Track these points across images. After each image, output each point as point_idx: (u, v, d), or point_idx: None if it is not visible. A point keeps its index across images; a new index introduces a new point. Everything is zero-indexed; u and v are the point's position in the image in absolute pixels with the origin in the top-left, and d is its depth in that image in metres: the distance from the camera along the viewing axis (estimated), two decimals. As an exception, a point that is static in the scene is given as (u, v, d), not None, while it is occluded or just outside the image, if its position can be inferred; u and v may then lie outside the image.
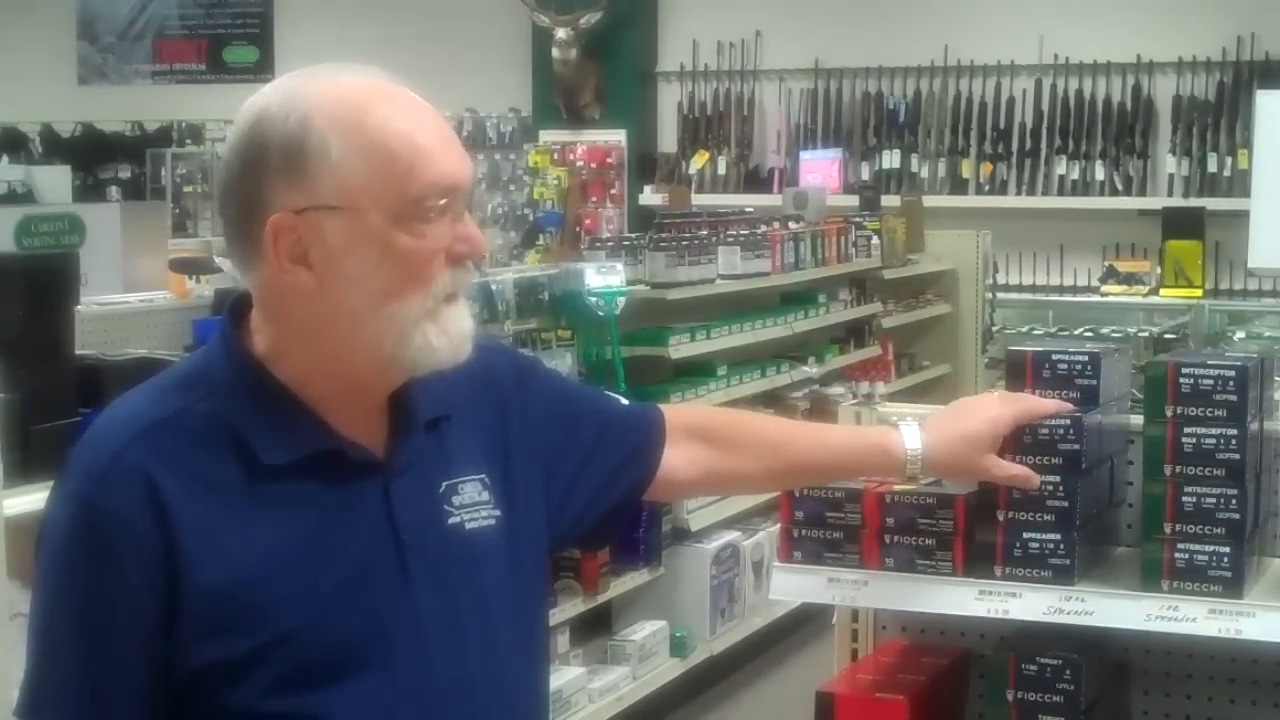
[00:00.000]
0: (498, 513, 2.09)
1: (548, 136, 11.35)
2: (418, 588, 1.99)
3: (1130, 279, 10.31)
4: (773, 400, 7.37)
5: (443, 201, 1.93)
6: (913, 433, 2.51)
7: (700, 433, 2.42)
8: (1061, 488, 2.83)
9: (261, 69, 13.47)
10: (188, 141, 12.65)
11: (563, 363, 5.81)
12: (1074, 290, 10.62)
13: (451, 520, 2.04)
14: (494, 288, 5.78)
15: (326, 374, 1.98)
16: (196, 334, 4.42)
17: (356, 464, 1.98)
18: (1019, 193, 10.91)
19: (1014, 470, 2.63)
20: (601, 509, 2.30)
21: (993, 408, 2.62)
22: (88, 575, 1.91)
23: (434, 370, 1.99)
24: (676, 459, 2.38)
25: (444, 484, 2.06)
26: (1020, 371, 2.78)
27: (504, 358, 2.26)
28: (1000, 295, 10.18)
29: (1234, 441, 2.77)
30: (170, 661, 1.90)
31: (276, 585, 1.91)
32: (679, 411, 2.48)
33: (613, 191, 11.54)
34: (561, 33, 11.38)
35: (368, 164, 1.91)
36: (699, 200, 10.91)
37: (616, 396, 2.43)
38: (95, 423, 2.00)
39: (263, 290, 1.98)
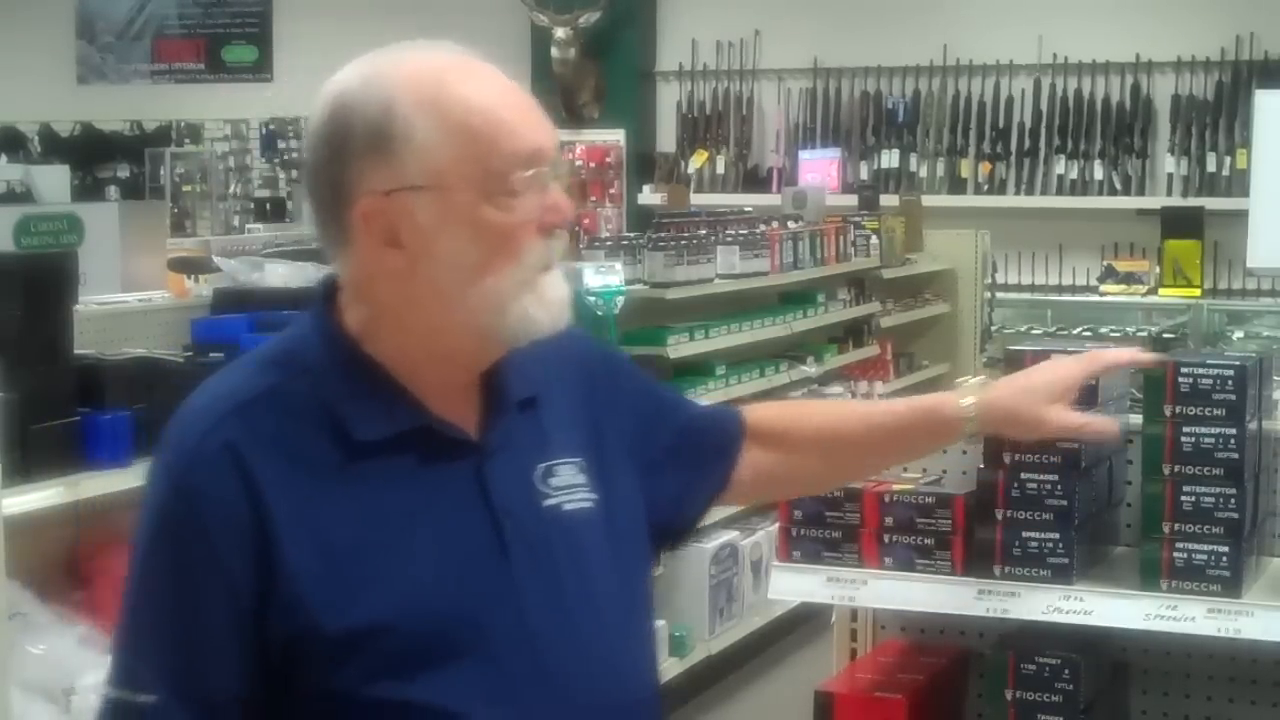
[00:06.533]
0: (595, 496, 2.08)
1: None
2: (518, 568, 1.98)
3: (1129, 278, 10.31)
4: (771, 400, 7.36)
5: (528, 173, 1.94)
6: (968, 391, 2.42)
7: (758, 436, 2.36)
8: (1060, 487, 2.83)
9: (260, 68, 13.47)
10: (186, 141, 12.66)
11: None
12: (1073, 290, 10.62)
13: (548, 501, 2.03)
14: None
15: (419, 352, 1.98)
16: (195, 333, 4.41)
17: (449, 443, 1.98)
18: (1018, 192, 10.90)
19: (1080, 419, 2.45)
20: (681, 509, 2.28)
21: (1060, 361, 2.49)
22: (179, 550, 1.91)
23: (534, 339, 1.99)
24: (742, 465, 2.34)
25: (540, 466, 2.04)
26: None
27: (593, 346, 2.26)
28: (999, 295, 10.18)
29: (1233, 441, 2.77)
30: (264, 637, 1.90)
31: (368, 564, 1.90)
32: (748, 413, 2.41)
33: (611, 191, 11.55)
34: (560, 32, 11.38)
35: (451, 141, 1.92)
36: (698, 200, 10.91)
37: (693, 400, 2.41)
38: (188, 401, 2.00)
39: (353, 272, 1.99)
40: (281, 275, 5.35)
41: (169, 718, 1.90)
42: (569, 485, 2.06)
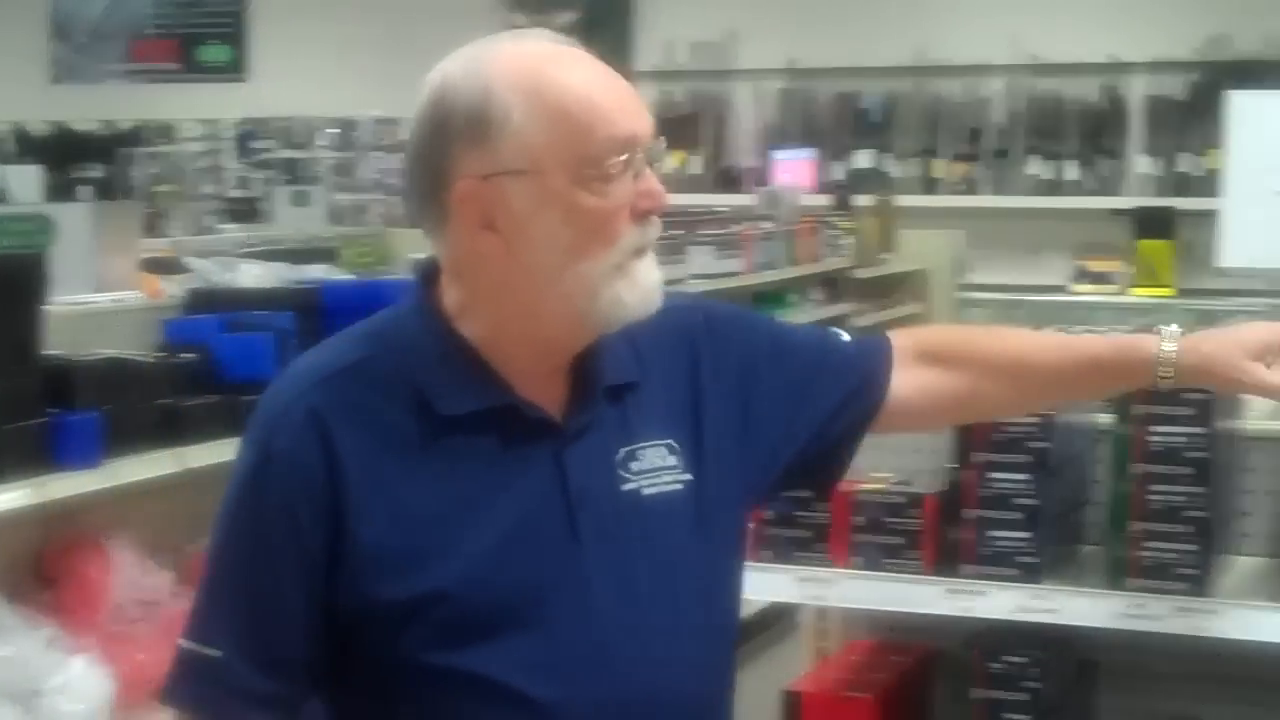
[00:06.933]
0: (687, 476, 2.07)
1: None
2: (587, 550, 1.98)
3: (1101, 278, 10.34)
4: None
5: (622, 158, 1.96)
6: (1172, 334, 2.26)
7: (935, 356, 2.27)
8: (1029, 487, 2.84)
9: (235, 68, 13.44)
10: (160, 141, 12.61)
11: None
12: (1045, 290, 10.64)
13: (626, 486, 2.03)
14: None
15: (513, 334, 2.00)
16: (168, 334, 4.39)
17: (532, 424, 1.99)
18: (991, 193, 10.92)
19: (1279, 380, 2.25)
20: (823, 447, 2.22)
21: (1272, 323, 2.34)
22: (258, 512, 1.97)
23: (625, 324, 2.00)
24: (909, 388, 2.25)
25: (622, 450, 2.04)
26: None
27: (698, 314, 2.23)
28: (972, 295, 10.19)
29: (1201, 440, 2.78)
30: (332, 602, 1.95)
31: (436, 536, 1.94)
32: (910, 335, 2.32)
33: (586, 191, 11.53)
34: (535, 33, 11.37)
35: (547, 127, 1.94)
36: (672, 200, 10.87)
37: (840, 332, 2.31)
38: (282, 372, 2.06)
39: (450, 254, 2.01)
40: (255, 276, 5.32)
41: (232, 673, 1.97)
42: (653, 468, 2.05)
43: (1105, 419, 2.97)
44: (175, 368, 4.02)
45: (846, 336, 2.29)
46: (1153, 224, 9.96)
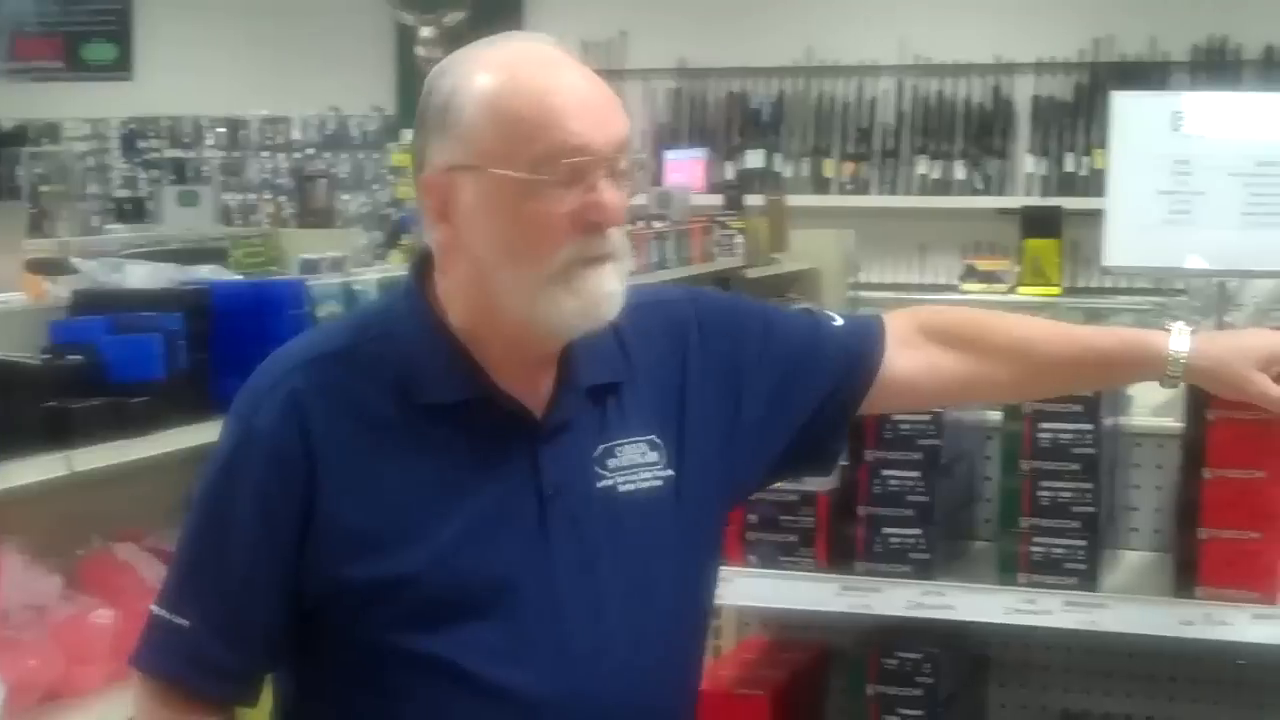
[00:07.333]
0: (668, 473, 2.08)
1: (411, 135, 11.27)
2: (556, 544, 2.00)
3: (990, 277, 10.43)
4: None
5: (569, 164, 1.94)
6: (1182, 332, 2.30)
7: (942, 335, 2.29)
8: (921, 483, 2.86)
9: (120, 66, 13.28)
10: (44, 141, 12.45)
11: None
12: (935, 289, 10.74)
13: (602, 483, 2.04)
14: (356, 288, 5.73)
15: (486, 327, 2.02)
16: (54, 335, 4.34)
17: (510, 418, 2.01)
18: (881, 192, 11.01)
19: None
20: (816, 432, 2.22)
21: (1277, 331, 2.40)
22: (234, 490, 2.01)
23: (573, 332, 2.00)
24: (913, 366, 2.26)
25: (600, 447, 2.05)
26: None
27: (689, 307, 2.21)
28: (862, 294, 10.25)
29: (1089, 436, 2.81)
30: (301, 582, 1.99)
31: (406, 521, 1.97)
32: (913, 315, 2.33)
33: (478, 191, 11.49)
34: (426, 31, 11.32)
35: (496, 125, 1.95)
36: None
37: (832, 315, 2.30)
38: (272, 353, 2.09)
39: (433, 245, 2.05)
40: (141, 276, 5.26)
41: (198, 643, 2.02)
42: (632, 465, 2.06)
43: (995, 416, 2.99)
44: (62, 370, 3.96)
45: (838, 320, 2.29)
46: (1040, 223, 10.06)
